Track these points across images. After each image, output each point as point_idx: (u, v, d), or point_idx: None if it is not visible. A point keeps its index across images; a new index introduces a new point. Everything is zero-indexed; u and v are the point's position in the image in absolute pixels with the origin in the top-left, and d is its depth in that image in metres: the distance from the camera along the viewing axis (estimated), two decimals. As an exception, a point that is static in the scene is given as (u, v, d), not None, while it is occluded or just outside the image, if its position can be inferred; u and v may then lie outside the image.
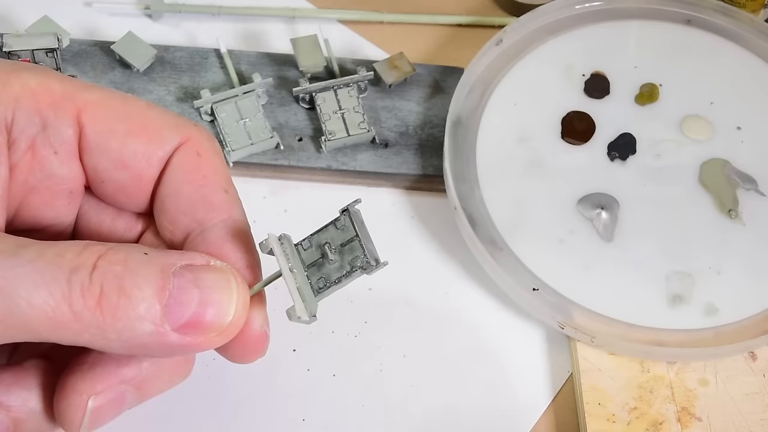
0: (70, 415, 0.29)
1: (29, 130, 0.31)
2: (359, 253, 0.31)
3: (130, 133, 0.32)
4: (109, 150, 0.31)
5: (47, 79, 0.31)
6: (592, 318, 0.44)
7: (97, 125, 0.31)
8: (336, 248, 0.31)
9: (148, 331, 0.27)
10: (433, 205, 0.50)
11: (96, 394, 0.29)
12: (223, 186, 0.32)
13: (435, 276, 0.48)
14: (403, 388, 0.44)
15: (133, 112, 0.32)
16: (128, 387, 0.30)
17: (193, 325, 0.28)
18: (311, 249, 0.31)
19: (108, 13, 0.56)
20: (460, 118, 0.50)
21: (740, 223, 0.48)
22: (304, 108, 0.51)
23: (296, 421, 0.43)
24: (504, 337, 0.46)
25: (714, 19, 0.54)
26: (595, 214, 0.47)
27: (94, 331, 0.27)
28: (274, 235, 0.31)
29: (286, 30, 0.56)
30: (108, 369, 0.30)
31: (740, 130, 0.51)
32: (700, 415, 0.43)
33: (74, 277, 0.27)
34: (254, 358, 0.32)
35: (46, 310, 0.26)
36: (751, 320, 0.45)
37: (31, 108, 0.31)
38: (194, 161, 0.32)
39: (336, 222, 0.31)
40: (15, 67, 0.31)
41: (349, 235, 0.31)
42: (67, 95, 0.31)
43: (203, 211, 0.31)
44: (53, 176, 0.32)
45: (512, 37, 0.53)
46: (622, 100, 0.51)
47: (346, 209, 0.31)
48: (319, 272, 0.31)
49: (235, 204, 0.32)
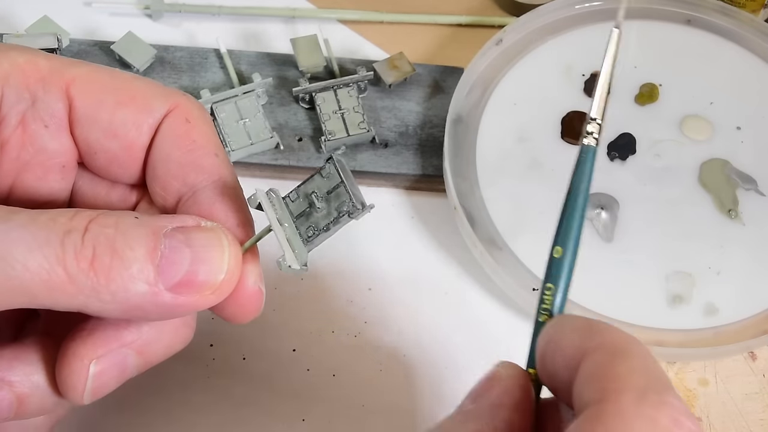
0: (72, 381, 0.29)
1: (19, 106, 0.31)
2: (345, 198, 0.31)
3: (119, 104, 0.32)
4: (100, 121, 0.32)
5: (34, 57, 0.32)
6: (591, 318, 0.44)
7: (86, 98, 0.32)
8: (323, 196, 0.32)
9: (141, 291, 0.28)
10: (433, 205, 0.50)
11: (97, 359, 0.29)
12: (212, 150, 0.32)
13: (435, 276, 0.48)
14: (403, 388, 0.44)
15: (121, 84, 0.32)
16: (129, 351, 0.30)
17: (187, 284, 0.29)
18: (299, 200, 0.32)
19: (108, 12, 0.56)
20: (459, 117, 0.50)
21: (740, 223, 0.48)
22: (304, 108, 0.51)
23: (296, 421, 0.43)
24: (504, 337, 0.46)
25: (714, 19, 0.54)
26: (595, 214, 0.47)
27: (88, 293, 0.27)
28: (262, 190, 0.32)
29: (286, 30, 0.56)
30: (108, 333, 0.30)
31: (740, 130, 0.51)
32: (700, 415, 0.43)
33: (67, 240, 0.27)
34: (250, 316, 0.32)
35: (41, 273, 0.27)
36: (751, 320, 0.45)
37: (21, 84, 0.31)
38: (183, 127, 0.32)
39: (321, 171, 0.32)
40: (2, 48, 0.31)
41: (335, 182, 0.31)
42: (54, 70, 0.32)
43: (193, 174, 0.32)
44: (45, 150, 0.32)
45: (512, 37, 0.53)
46: (622, 100, 0.51)
47: (330, 157, 0.32)
48: (307, 221, 0.32)
49: (225, 165, 0.33)
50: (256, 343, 0.44)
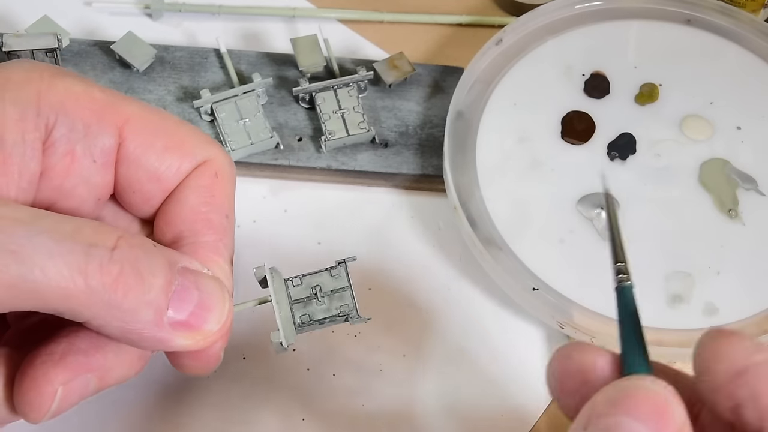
0: (38, 402, 0.30)
1: (71, 135, 0.32)
2: (349, 302, 0.35)
3: (167, 149, 0.33)
4: (146, 163, 0.33)
5: (90, 87, 0.32)
6: (592, 318, 0.44)
7: (136, 138, 0.33)
8: (326, 293, 0.35)
9: (148, 319, 0.29)
10: (433, 205, 0.50)
11: (65, 383, 0.30)
12: (225, 211, 0.34)
13: (435, 276, 0.48)
14: (403, 388, 0.44)
15: (171, 127, 0.34)
16: (92, 376, 0.31)
17: (186, 325, 0.30)
18: (300, 287, 0.35)
19: (108, 12, 0.56)
20: (460, 117, 0.50)
21: (740, 223, 0.48)
22: (304, 108, 0.51)
23: (296, 421, 0.43)
24: (504, 337, 0.46)
25: (714, 19, 0.54)
26: (595, 214, 0.47)
27: (100, 306, 0.28)
28: (267, 266, 0.34)
29: (285, 30, 0.56)
30: (78, 359, 0.30)
31: (740, 130, 0.51)
32: (700, 415, 0.43)
33: (93, 252, 0.28)
34: (199, 373, 0.33)
35: (59, 280, 0.27)
36: (751, 320, 0.45)
37: (76, 114, 0.31)
38: (210, 180, 0.34)
39: (331, 270, 0.35)
40: (58, 71, 0.32)
41: (342, 284, 0.35)
42: (109, 105, 0.32)
43: (201, 225, 0.33)
44: (87, 184, 0.33)
45: (512, 36, 0.53)
46: (622, 99, 0.51)
47: (343, 261, 0.35)
48: (304, 309, 0.35)
49: (230, 229, 0.34)
50: (256, 343, 0.44)
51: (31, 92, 0.31)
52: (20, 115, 0.30)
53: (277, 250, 0.47)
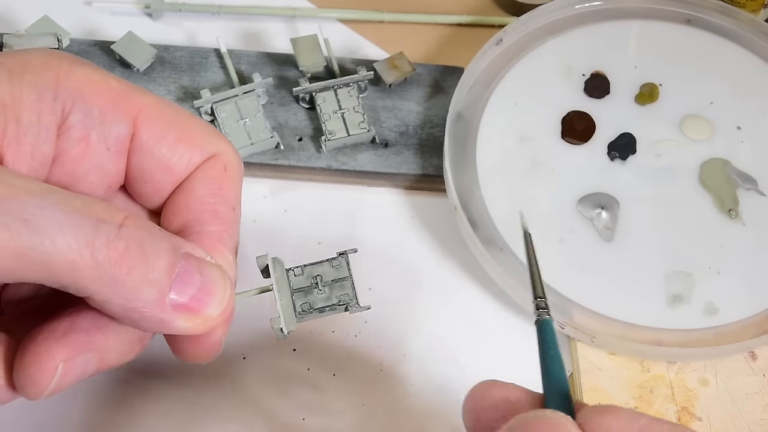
0: (39, 378, 0.30)
1: (86, 122, 0.32)
2: (349, 292, 0.36)
3: (179, 140, 0.34)
4: (158, 153, 0.33)
5: (106, 76, 0.33)
6: (592, 318, 0.44)
7: (150, 128, 0.33)
8: (327, 282, 0.36)
9: (150, 298, 0.29)
10: (433, 205, 0.50)
11: (66, 360, 0.30)
12: (232, 203, 0.35)
13: (435, 276, 0.48)
14: (403, 387, 0.44)
15: (183, 120, 0.34)
16: (93, 356, 0.31)
17: (188, 308, 0.30)
18: (302, 276, 0.36)
19: (108, 12, 0.56)
20: (460, 117, 0.50)
21: (740, 223, 0.48)
22: (304, 108, 0.51)
23: (296, 421, 0.43)
24: (504, 337, 0.46)
25: (714, 19, 0.54)
26: (595, 214, 0.47)
27: (105, 281, 0.28)
28: (272, 255, 0.35)
29: (286, 29, 0.56)
30: (80, 337, 0.31)
31: (740, 130, 0.51)
32: (700, 415, 0.43)
33: (101, 227, 0.28)
34: (199, 361, 0.33)
35: (67, 252, 0.28)
36: (751, 320, 0.45)
37: (93, 101, 0.32)
38: (219, 172, 0.34)
39: (332, 261, 0.36)
40: (77, 60, 0.32)
41: (343, 274, 0.36)
42: (124, 94, 0.33)
43: (207, 215, 0.33)
44: (100, 171, 0.33)
45: (512, 36, 0.53)
46: (622, 99, 0.51)
47: (344, 252, 0.36)
48: (305, 298, 0.36)
49: (236, 221, 0.35)
50: (256, 343, 0.44)
51: (50, 77, 0.31)
52: (37, 97, 0.31)
53: (278, 249, 0.47)
